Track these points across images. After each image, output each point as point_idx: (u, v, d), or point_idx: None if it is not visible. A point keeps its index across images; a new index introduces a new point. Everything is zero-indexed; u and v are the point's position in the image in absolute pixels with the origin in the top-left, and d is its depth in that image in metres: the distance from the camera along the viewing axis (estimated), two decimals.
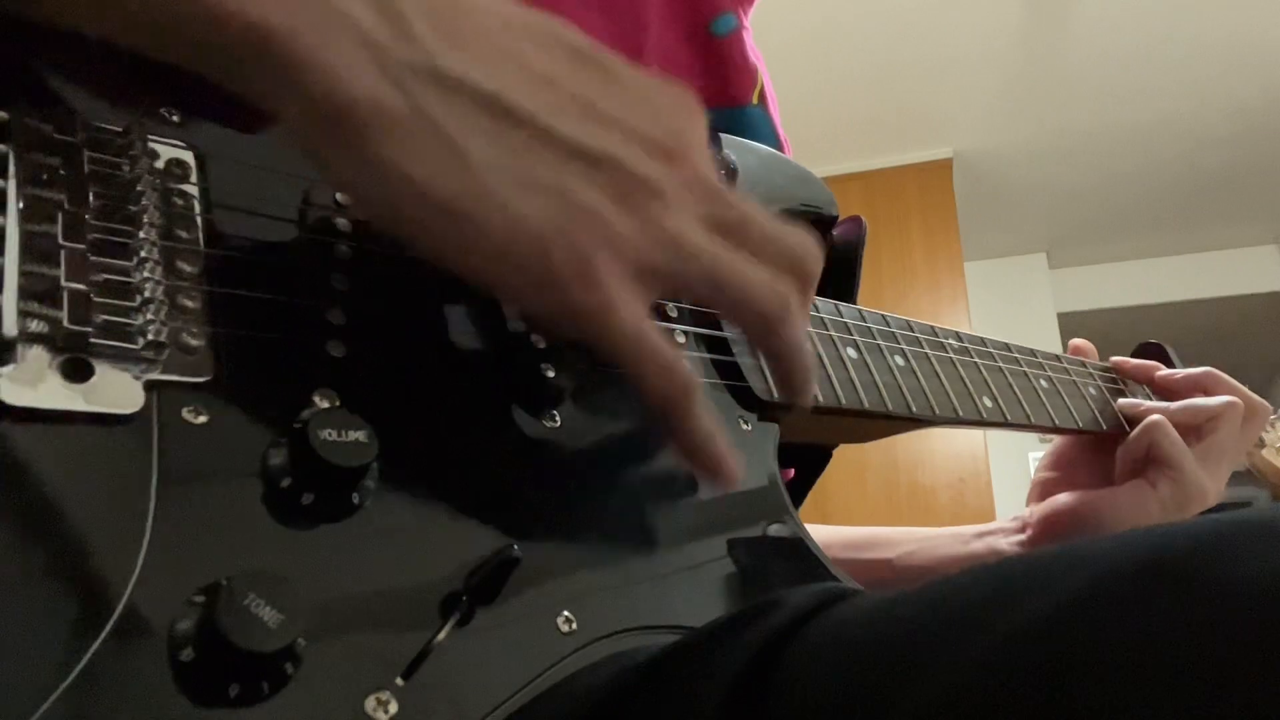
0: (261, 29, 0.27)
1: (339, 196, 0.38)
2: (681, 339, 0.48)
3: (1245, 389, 0.74)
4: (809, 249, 0.39)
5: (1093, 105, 3.19)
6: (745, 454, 0.47)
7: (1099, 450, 0.73)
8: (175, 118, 0.36)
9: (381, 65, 0.29)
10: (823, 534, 0.76)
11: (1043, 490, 0.75)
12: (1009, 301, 3.98)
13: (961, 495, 3.04)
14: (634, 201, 0.33)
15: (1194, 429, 0.70)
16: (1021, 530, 0.72)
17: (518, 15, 0.33)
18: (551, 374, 0.40)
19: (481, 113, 0.31)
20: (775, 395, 0.49)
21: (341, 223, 0.38)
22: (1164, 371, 0.75)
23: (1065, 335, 3.85)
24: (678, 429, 0.35)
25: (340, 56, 0.28)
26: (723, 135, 0.58)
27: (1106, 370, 0.77)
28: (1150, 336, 0.83)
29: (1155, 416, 0.68)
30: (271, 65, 0.28)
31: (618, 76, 0.35)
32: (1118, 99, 3.16)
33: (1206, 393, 0.72)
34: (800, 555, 0.45)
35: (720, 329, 0.50)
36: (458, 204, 0.30)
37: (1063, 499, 0.70)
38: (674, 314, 0.49)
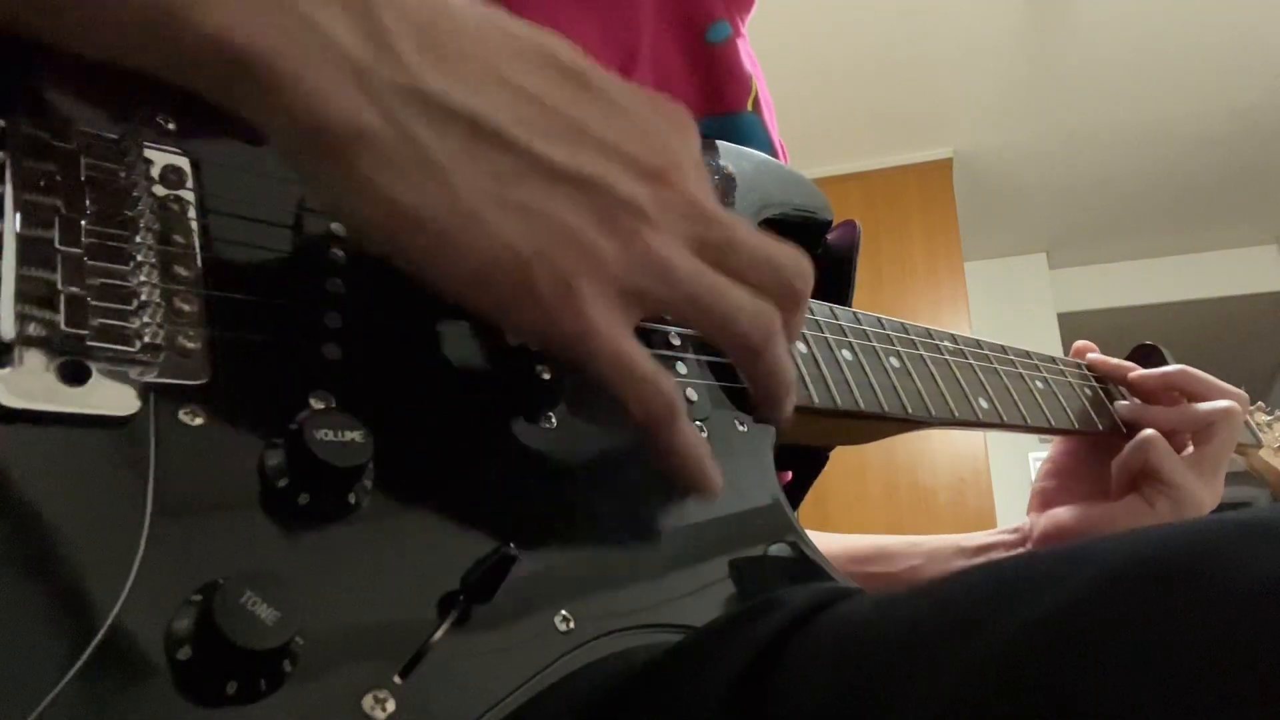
0: (243, 51, 0.27)
1: None
2: (677, 340, 0.48)
3: (1219, 382, 0.74)
4: (798, 267, 0.38)
5: (1093, 105, 3.19)
6: (743, 456, 0.47)
7: (1097, 456, 0.73)
8: (171, 125, 0.36)
9: (364, 86, 0.29)
10: (824, 543, 0.76)
11: (1043, 499, 0.75)
12: (1009, 302, 3.97)
13: (962, 496, 3.04)
14: (618, 224, 0.33)
15: (1189, 435, 0.70)
16: (1022, 544, 0.73)
17: (508, 34, 0.33)
18: (547, 375, 0.41)
19: (465, 134, 0.31)
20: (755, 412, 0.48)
21: (337, 227, 0.39)
22: (1138, 372, 0.74)
23: (1065, 335, 3.85)
24: (661, 445, 0.35)
25: (322, 78, 0.28)
26: (718, 142, 0.59)
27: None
28: (1150, 336, 0.83)
29: (1149, 432, 0.68)
30: (254, 87, 0.28)
31: (608, 95, 0.35)
32: (1118, 99, 3.16)
33: (1183, 392, 0.72)
34: (802, 564, 0.46)
35: None
36: (439, 225, 0.30)
37: (1063, 516, 0.71)
38: (669, 317, 0.49)
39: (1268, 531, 0.22)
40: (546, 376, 0.40)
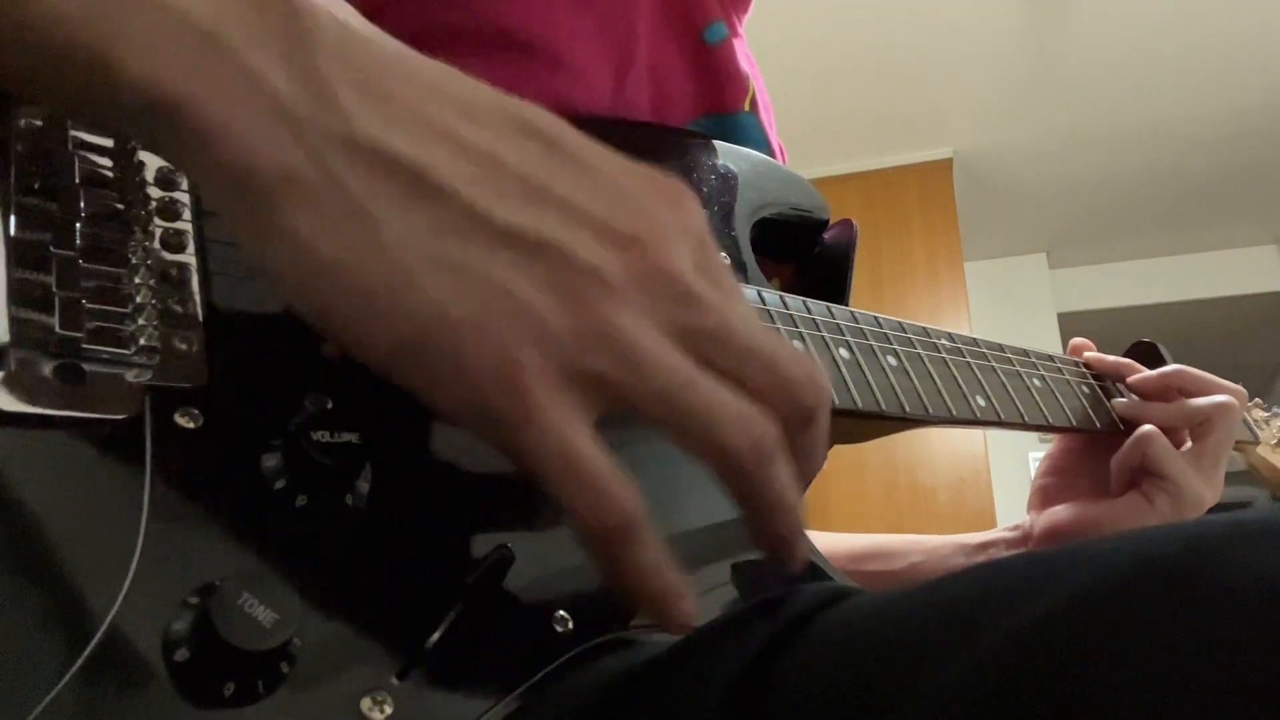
0: (173, 100, 0.26)
1: None
2: None
3: (1217, 378, 0.74)
4: (808, 376, 0.32)
5: (1093, 105, 3.19)
6: None
7: (1097, 453, 0.73)
8: None
9: (296, 133, 0.27)
10: (825, 543, 0.76)
11: (1043, 497, 0.75)
12: (1009, 301, 3.97)
13: (961, 496, 3.04)
14: (575, 295, 0.28)
15: (1188, 431, 0.70)
16: (1023, 542, 0.73)
17: (468, 91, 0.30)
18: None
19: (402, 185, 0.27)
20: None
21: None
22: (1137, 375, 0.75)
23: (1065, 335, 3.85)
24: (615, 568, 0.29)
25: (253, 125, 0.26)
26: (715, 142, 0.59)
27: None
28: (1150, 336, 0.82)
29: (1147, 427, 0.68)
30: (183, 134, 0.26)
31: (581, 159, 0.31)
32: (1118, 99, 3.16)
33: (1182, 391, 0.72)
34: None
35: None
36: (362, 281, 0.27)
37: (1062, 514, 0.71)
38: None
39: (1265, 532, 0.22)
40: None
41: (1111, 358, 0.76)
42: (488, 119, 0.30)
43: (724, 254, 0.54)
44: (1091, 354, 0.77)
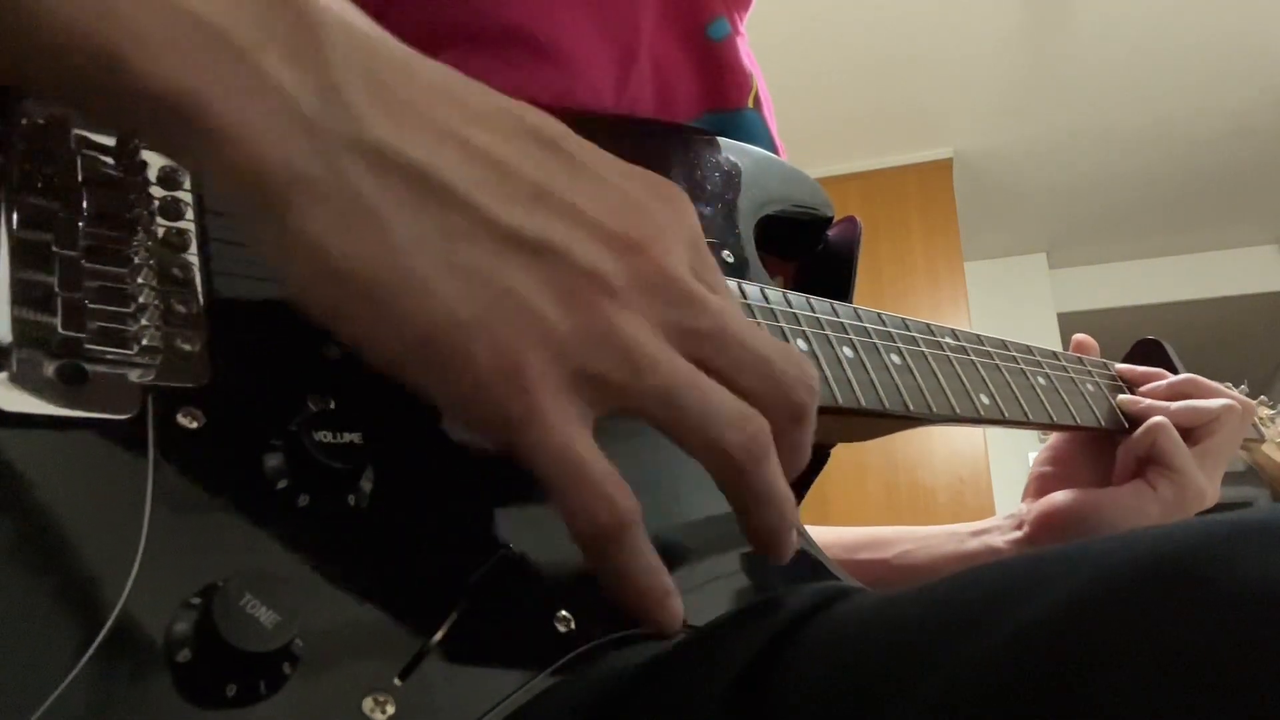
0: (186, 100, 0.26)
1: None
2: None
3: (1229, 389, 0.74)
4: (801, 374, 0.33)
5: (1093, 105, 3.19)
6: None
7: (1098, 446, 0.73)
8: None
9: (309, 136, 0.27)
10: (820, 535, 0.76)
11: (1040, 485, 0.75)
12: (1009, 301, 3.97)
13: (961, 496, 3.04)
14: (578, 298, 0.29)
15: (1193, 430, 0.70)
16: (1018, 527, 0.73)
17: (474, 96, 0.31)
18: None
19: (411, 189, 0.28)
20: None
21: None
22: (1149, 385, 0.75)
23: (1065, 335, 3.84)
24: (607, 568, 0.30)
25: (265, 127, 0.26)
26: (720, 139, 0.59)
27: (1104, 367, 0.77)
28: (1150, 336, 0.83)
29: (1159, 418, 0.68)
30: (196, 135, 0.26)
31: (582, 163, 0.31)
32: (1118, 99, 3.16)
33: (1193, 398, 0.73)
34: (804, 562, 0.46)
35: None
36: (373, 282, 0.27)
37: (1060, 497, 0.70)
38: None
39: (1267, 533, 0.22)
40: None
41: (1140, 369, 0.77)
42: (493, 122, 0.30)
43: (727, 251, 0.54)
44: (1121, 365, 0.77)
